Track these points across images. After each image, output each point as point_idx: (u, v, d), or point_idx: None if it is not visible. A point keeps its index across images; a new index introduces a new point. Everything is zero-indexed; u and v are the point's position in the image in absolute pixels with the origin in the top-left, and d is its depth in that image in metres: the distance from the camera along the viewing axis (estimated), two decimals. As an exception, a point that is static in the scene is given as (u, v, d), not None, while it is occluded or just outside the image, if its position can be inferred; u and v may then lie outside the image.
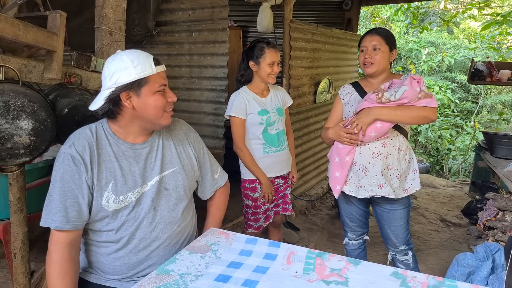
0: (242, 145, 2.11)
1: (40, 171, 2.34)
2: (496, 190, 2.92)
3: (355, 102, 1.94)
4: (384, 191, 1.83)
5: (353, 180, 1.89)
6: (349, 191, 1.91)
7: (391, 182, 1.84)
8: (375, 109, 1.74)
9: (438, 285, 1.09)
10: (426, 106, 1.72)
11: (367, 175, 1.84)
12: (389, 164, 1.84)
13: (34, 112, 1.35)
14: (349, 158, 1.84)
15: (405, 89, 1.70)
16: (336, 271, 1.17)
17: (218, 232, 1.44)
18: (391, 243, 2.01)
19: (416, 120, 1.77)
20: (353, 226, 2.09)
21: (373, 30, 1.92)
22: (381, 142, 1.82)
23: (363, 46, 1.90)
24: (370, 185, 1.84)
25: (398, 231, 1.96)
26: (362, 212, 2.06)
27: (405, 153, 1.87)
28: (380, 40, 1.86)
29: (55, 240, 1.19)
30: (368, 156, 1.83)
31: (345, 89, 2.04)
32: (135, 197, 1.26)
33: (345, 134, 1.80)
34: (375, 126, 1.75)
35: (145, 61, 1.21)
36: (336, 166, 1.90)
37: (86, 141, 1.23)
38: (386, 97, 1.74)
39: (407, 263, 2.00)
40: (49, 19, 1.49)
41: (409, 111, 1.72)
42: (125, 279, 1.32)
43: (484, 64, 4.41)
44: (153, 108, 1.23)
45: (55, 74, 1.47)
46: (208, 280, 1.12)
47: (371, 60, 1.86)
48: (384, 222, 1.98)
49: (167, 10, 2.78)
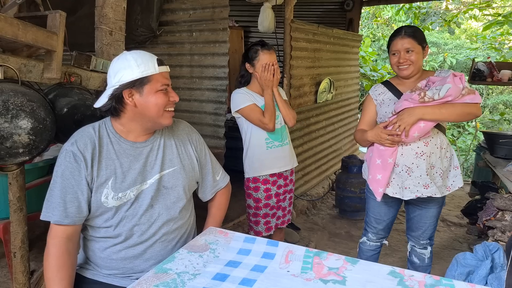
0: (266, 119, 2.08)
1: (40, 170, 2.35)
2: (496, 190, 2.91)
3: (390, 102, 1.90)
4: (430, 191, 1.81)
5: (396, 182, 1.86)
6: (392, 193, 1.87)
7: (435, 181, 1.82)
8: (418, 109, 1.69)
9: (435, 284, 1.09)
10: (470, 103, 1.68)
11: (411, 175, 1.81)
12: (432, 163, 1.81)
13: (34, 112, 1.35)
14: (392, 159, 1.81)
15: (449, 86, 1.65)
16: (334, 270, 1.17)
17: (217, 231, 1.44)
18: (414, 235, 2.01)
19: (462, 117, 1.73)
20: (378, 229, 2.07)
21: (401, 31, 1.85)
22: (423, 141, 1.79)
23: (395, 50, 1.84)
24: (416, 186, 1.81)
25: (427, 227, 1.96)
26: (391, 216, 2.04)
27: (446, 150, 1.85)
28: (411, 41, 1.81)
29: (54, 234, 1.22)
30: (411, 157, 1.80)
31: (377, 89, 1.99)
32: (134, 194, 1.28)
33: (387, 136, 1.76)
34: (418, 126, 1.71)
35: (148, 61, 1.24)
36: (378, 169, 1.86)
37: (88, 139, 1.26)
38: (429, 96, 1.69)
39: (423, 257, 2.00)
40: (49, 19, 1.50)
41: (454, 108, 1.68)
42: (121, 275, 1.32)
43: (485, 64, 4.41)
44: (154, 106, 1.25)
45: (55, 74, 1.48)
46: (205, 278, 1.12)
47: (407, 62, 1.82)
48: (416, 218, 1.98)
49: (168, 10, 2.78)
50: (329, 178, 4.43)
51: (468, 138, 8.03)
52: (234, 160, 3.06)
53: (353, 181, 3.56)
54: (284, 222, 2.34)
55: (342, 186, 3.63)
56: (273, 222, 2.27)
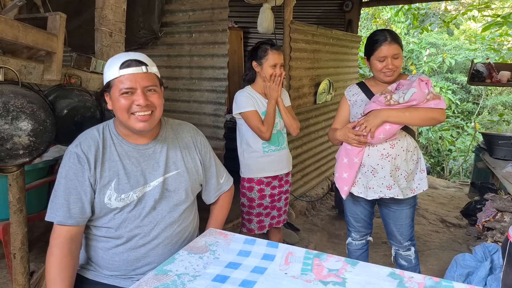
0: (264, 128, 2.09)
1: (40, 171, 2.35)
2: (495, 191, 2.92)
3: (362, 103, 1.93)
4: (393, 192, 1.84)
5: (362, 182, 1.90)
6: (357, 192, 1.91)
7: (399, 182, 1.85)
8: (384, 111, 1.74)
9: (434, 285, 1.10)
10: (435, 108, 1.72)
11: (376, 176, 1.85)
12: (397, 165, 1.84)
13: (34, 113, 1.35)
14: (357, 159, 1.85)
15: (414, 91, 1.69)
16: (334, 272, 1.18)
17: (216, 233, 1.45)
18: (395, 239, 2.02)
19: (425, 121, 1.76)
20: (357, 226, 2.09)
21: (386, 36, 1.81)
22: (390, 143, 1.83)
23: (383, 56, 1.80)
24: (379, 187, 1.85)
25: (403, 229, 1.97)
26: (367, 213, 2.06)
27: (412, 153, 1.88)
28: (398, 47, 1.82)
29: (57, 235, 1.23)
30: (376, 158, 1.83)
31: (351, 90, 2.03)
32: (136, 196, 1.29)
33: (354, 136, 1.80)
34: (384, 128, 1.75)
35: (112, 65, 1.25)
36: (344, 167, 1.91)
37: (92, 140, 1.28)
38: (394, 99, 1.73)
39: (409, 258, 2.01)
40: (49, 21, 1.50)
41: (418, 113, 1.72)
42: (122, 276, 1.33)
43: (483, 65, 4.42)
44: (118, 110, 1.25)
45: (55, 75, 1.48)
46: (205, 280, 1.13)
47: (393, 68, 1.81)
48: (390, 221, 2.00)
49: (167, 11, 2.79)
50: (328, 179, 4.44)
51: (467, 139, 8.04)
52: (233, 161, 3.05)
53: (353, 182, 3.56)
54: (280, 222, 2.34)
55: (341, 187, 3.63)
56: (266, 221, 2.28)
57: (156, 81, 1.30)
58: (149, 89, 1.26)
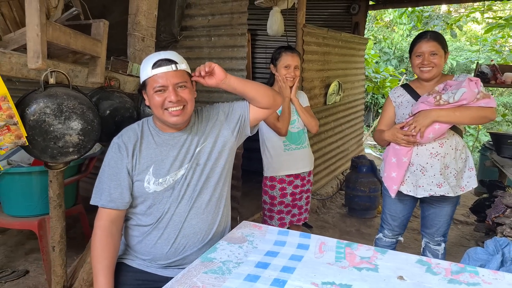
0: (280, 124, 2.17)
1: (70, 170, 2.45)
2: (503, 188, 3.02)
3: (408, 104, 1.98)
4: (443, 190, 1.89)
5: (411, 180, 1.95)
6: (406, 190, 1.97)
7: (449, 181, 1.89)
8: (433, 111, 1.78)
9: (460, 270, 1.20)
10: (485, 107, 1.75)
11: (425, 175, 1.90)
12: (446, 163, 1.89)
13: (83, 114, 1.46)
14: (406, 159, 1.90)
15: (464, 91, 1.73)
16: (366, 259, 1.28)
17: (251, 225, 1.55)
18: (429, 232, 2.09)
19: (476, 120, 1.81)
20: (393, 225, 2.16)
21: (426, 34, 1.92)
22: (438, 142, 1.87)
23: (420, 51, 1.90)
24: (429, 185, 1.90)
25: (441, 225, 2.05)
26: (406, 213, 2.12)
27: (461, 152, 1.93)
28: (436, 45, 1.88)
29: (99, 217, 1.37)
30: (425, 157, 1.89)
31: (396, 92, 2.08)
32: (173, 180, 1.40)
33: (403, 136, 1.85)
34: (433, 128, 1.80)
35: (145, 66, 1.37)
36: (393, 167, 1.96)
37: (132, 132, 1.43)
38: (444, 99, 1.77)
39: (437, 253, 2.08)
40: (93, 27, 1.61)
41: (468, 112, 1.75)
42: (164, 264, 1.43)
43: (488, 67, 4.53)
44: (153, 106, 1.37)
45: (99, 78, 1.59)
46: (249, 266, 1.23)
47: (430, 64, 1.88)
48: (430, 216, 2.06)
49: (187, 15, 2.89)
50: (337, 178, 4.54)
51: (470, 140, 8.15)
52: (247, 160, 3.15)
53: (363, 180, 3.67)
54: (300, 220, 2.44)
55: (351, 185, 3.74)
56: (287, 219, 2.37)
57: (186, 77, 1.39)
58: (179, 85, 1.36)
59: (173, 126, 1.41)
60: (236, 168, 2.78)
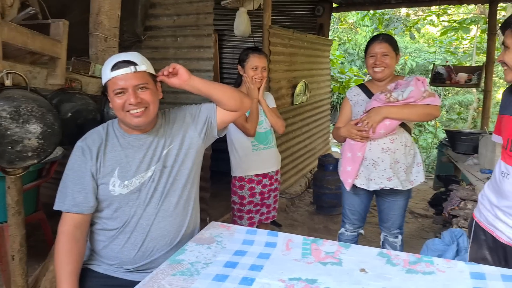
0: (248, 125, 2.20)
1: (30, 175, 2.35)
2: (458, 182, 3.20)
3: (363, 103, 2.10)
4: (393, 183, 2.00)
5: (364, 174, 2.06)
6: (360, 184, 2.07)
7: (399, 175, 2.01)
8: (385, 108, 1.90)
9: (417, 261, 1.27)
10: (431, 104, 1.89)
11: (377, 169, 2.01)
12: (396, 158, 2.01)
13: (43, 117, 1.41)
14: (360, 153, 2.01)
15: (412, 89, 1.87)
16: (331, 254, 1.32)
17: (219, 226, 1.56)
18: (386, 226, 2.21)
19: (422, 117, 1.96)
20: (352, 219, 2.25)
21: (379, 37, 2.07)
22: (389, 138, 2.00)
23: (373, 52, 2.04)
24: (380, 178, 2.01)
25: (395, 218, 2.16)
26: (363, 206, 2.22)
27: (410, 148, 2.06)
28: (388, 46, 2.02)
29: (63, 222, 1.34)
30: (377, 152, 2.00)
31: (353, 91, 2.21)
32: (139, 182, 1.38)
33: (357, 132, 1.96)
34: (384, 124, 1.92)
35: (105, 69, 1.35)
36: (348, 161, 2.06)
37: (96, 135, 1.41)
38: (394, 96, 1.90)
39: (395, 245, 2.20)
40: (52, 27, 1.56)
41: (415, 109, 1.89)
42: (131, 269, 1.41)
43: (444, 68, 4.78)
44: (115, 108, 1.36)
45: (59, 80, 1.55)
46: (217, 266, 1.24)
47: (382, 64, 2.01)
48: (385, 210, 2.17)
49: (152, 15, 2.85)
50: (305, 176, 4.63)
51: (428, 136, 8.54)
52: (216, 161, 3.15)
53: (329, 178, 3.77)
54: (268, 218, 2.48)
55: (319, 183, 3.83)
56: (256, 217, 2.40)
57: (148, 78, 1.36)
58: (140, 87, 1.33)
59: (136, 128, 1.39)
60: (204, 169, 2.76)
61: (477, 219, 1.52)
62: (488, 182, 1.51)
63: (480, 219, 1.50)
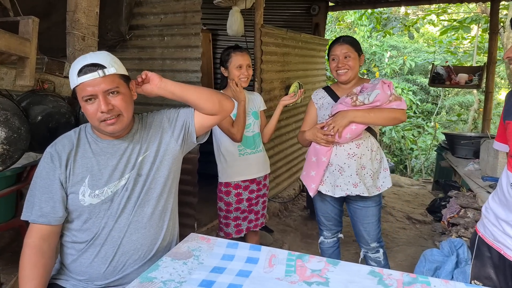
0: (234, 130, 2.11)
1: (8, 180, 2.24)
2: (458, 188, 3.10)
3: (328, 106, 2.03)
4: (359, 189, 1.92)
5: (329, 180, 1.98)
6: (325, 190, 1.99)
7: (365, 181, 1.94)
8: (350, 112, 1.84)
9: (412, 281, 1.16)
10: (397, 108, 1.84)
11: (343, 175, 1.93)
12: (363, 164, 1.94)
13: (7, 121, 1.31)
14: (325, 158, 1.93)
15: (378, 92, 1.81)
16: (317, 272, 1.22)
17: (198, 238, 1.45)
18: (363, 241, 2.10)
19: (388, 121, 1.89)
20: (328, 225, 2.17)
21: (339, 39, 2.02)
22: (355, 143, 1.93)
23: (334, 55, 1.99)
24: (346, 185, 1.93)
25: (370, 228, 2.05)
26: (337, 211, 2.13)
27: (376, 153, 1.98)
28: (349, 47, 1.97)
29: (29, 234, 1.25)
30: (343, 157, 1.93)
31: (318, 94, 2.14)
32: (111, 191, 1.29)
33: (322, 136, 1.89)
34: (350, 128, 1.85)
35: (72, 72, 1.23)
36: (312, 166, 1.99)
37: (67, 140, 1.31)
38: (360, 100, 1.84)
39: (378, 260, 2.09)
40: (21, 25, 1.45)
41: (381, 113, 1.84)
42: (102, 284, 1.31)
43: (443, 68, 4.68)
44: (87, 116, 1.25)
45: (28, 81, 1.44)
46: (192, 286, 1.13)
47: (345, 67, 1.96)
48: (357, 219, 2.07)
49: (138, 14, 2.74)
50: (299, 180, 4.52)
51: (428, 138, 8.44)
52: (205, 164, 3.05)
53: (324, 182, 3.65)
54: (257, 226, 2.37)
55: (313, 187, 3.72)
56: (244, 225, 2.30)
57: (118, 81, 1.24)
58: (110, 91, 1.23)
59: (111, 134, 1.30)
60: (191, 173, 2.66)
61: (481, 234, 1.39)
62: (493, 194, 1.38)
63: (485, 234, 1.37)
